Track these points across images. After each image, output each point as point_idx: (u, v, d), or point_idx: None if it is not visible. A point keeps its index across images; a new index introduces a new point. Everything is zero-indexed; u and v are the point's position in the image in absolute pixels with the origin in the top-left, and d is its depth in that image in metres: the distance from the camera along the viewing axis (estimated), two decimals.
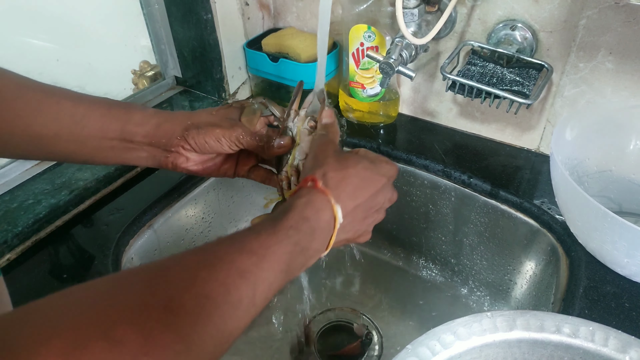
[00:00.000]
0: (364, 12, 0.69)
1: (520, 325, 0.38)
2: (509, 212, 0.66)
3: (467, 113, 0.76)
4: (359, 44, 0.71)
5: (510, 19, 0.65)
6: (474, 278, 0.76)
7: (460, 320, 0.38)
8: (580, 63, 0.62)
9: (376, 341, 0.72)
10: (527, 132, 0.72)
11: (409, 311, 0.76)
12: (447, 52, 0.72)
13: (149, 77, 0.86)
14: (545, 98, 0.68)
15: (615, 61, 0.60)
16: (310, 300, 0.72)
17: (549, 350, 0.38)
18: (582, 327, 0.38)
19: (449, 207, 0.73)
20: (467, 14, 0.67)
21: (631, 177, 0.62)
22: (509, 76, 0.63)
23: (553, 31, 0.63)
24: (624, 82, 0.61)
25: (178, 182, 0.68)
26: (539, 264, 0.66)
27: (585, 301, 0.52)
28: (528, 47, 0.65)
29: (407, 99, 0.80)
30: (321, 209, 0.39)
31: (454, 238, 0.75)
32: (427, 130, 0.79)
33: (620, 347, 0.36)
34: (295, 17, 0.84)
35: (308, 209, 0.38)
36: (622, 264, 0.51)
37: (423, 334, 0.37)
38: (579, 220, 0.53)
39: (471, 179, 0.69)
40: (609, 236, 0.48)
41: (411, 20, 0.64)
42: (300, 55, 0.76)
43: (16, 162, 0.65)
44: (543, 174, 0.69)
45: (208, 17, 0.74)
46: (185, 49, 0.81)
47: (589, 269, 0.55)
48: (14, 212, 0.60)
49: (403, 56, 0.63)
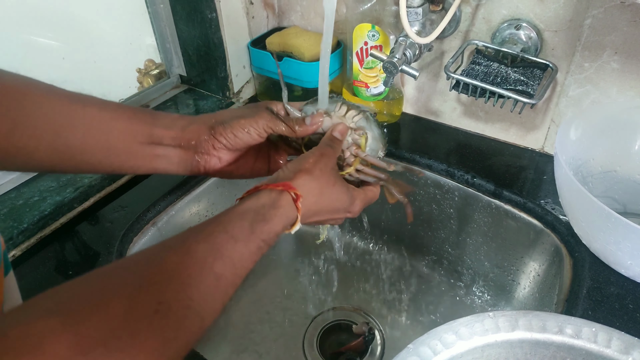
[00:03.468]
0: (368, 11, 0.69)
1: (523, 326, 0.38)
2: (513, 212, 0.66)
3: (471, 112, 0.76)
4: (363, 43, 0.71)
5: (515, 18, 0.64)
6: (477, 278, 0.76)
7: (462, 320, 0.38)
8: (586, 63, 0.62)
9: (379, 340, 0.73)
10: (531, 131, 0.72)
11: (412, 311, 0.76)
12: (451, 52, 0.71)
13: (154, 76, 0.87)
14: (549, 98, 0.68)
15: (620, 61, 0.60)
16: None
17: (551, 351, 0.38)
18: (584, 328, 0.37)
19: (452, 207, 0.72)
20: (471, 13, 0.67)
21: (636, 178, 0.61)
22: (514, 76, 0.63)
23: (558, 30, 0.62)
24: (629, 82, 0.61)
25: (182, 180, 0.69)
26: (543, 264, 0.66)
27: (588, 302, 0.52)
28: (533, 47, 0.64)
29: (411, 99, 0.80)
30: (291, 223, 0.42)
31: (457, 238, 0.75)
32: (430, 130, 0.79)
33: (624, 348, 0.36)
34: (300, 16, 0.84)
35: (282, 224, 0.40)
36: (626, 265, 0.51)
37: (425, 334, 0.37)
38: (583, 220, 0.53)
39: (475, 179, 0.68)
40: (612, 237, 0.48)
41: (415, 19, 0.63)
42: (304, 54, 0.76)
43: None
44: (547, 174, 0.69)
45: (213, 16, 0.74)
46: (189, 47, 0.82)
47: (592, 269, 0.55)
48: (19, 209, 0.60)
49: (407, 55, 0.63)
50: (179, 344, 0.29)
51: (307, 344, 0.73)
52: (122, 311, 0.27)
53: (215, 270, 0.34)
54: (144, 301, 0.28)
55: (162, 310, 0.29)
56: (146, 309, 0.28)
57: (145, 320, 0.28)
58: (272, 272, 0.83)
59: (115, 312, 0.27)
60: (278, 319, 0.76)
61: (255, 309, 0.77)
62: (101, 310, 0.26)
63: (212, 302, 0.33)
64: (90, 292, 0.28)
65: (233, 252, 0.36)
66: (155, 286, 0.30)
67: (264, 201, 0.40)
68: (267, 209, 0.40)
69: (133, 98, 0.81)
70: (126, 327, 0.26)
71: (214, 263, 0.34)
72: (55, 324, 0.24)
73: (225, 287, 0.34)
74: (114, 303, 0.27)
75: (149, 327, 0.27)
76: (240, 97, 0.86)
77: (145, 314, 0.28)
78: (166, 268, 0.31)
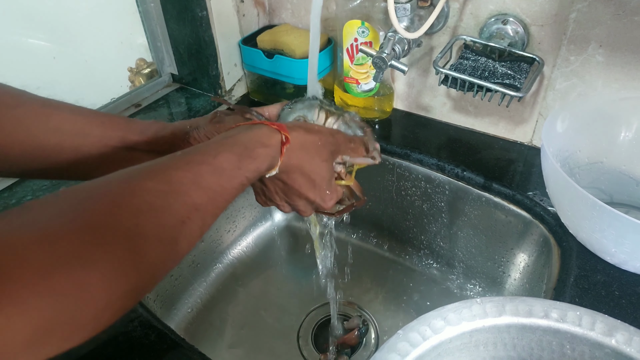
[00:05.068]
0: (357, 8, 0.70)
1: (509, 311, 0.39)
2: (502, 204, 0.67)
3: (460, 107, 0.77)
4: (353, 40, 0.72)
5: (501, 13, 0.65)
6: (468, 270, 0.77)
7: (451, 306, 0.39)
8: (571, 56, 0.63)
9: (372, 333, 0.73)
10: (520, 125, 0.73)
11: (405, 303, 0.77)
12: (440, 47, 0.72)
13: (146, 75, 0.87)
14: (537, 91, 0.69)
15: (605, 54, 0.61)
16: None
17: (538, 335, 0.39)
18: (569, 312, 0.38)
19: (443, 201, 0.73)
20: (459, 9, 0.68)
21: (622, 169, 0.62)
22: (501, 70, 0.64)
23: (544, 25, 0.63)
24: (614, 75, 0.62)
25: None
26: (532, 255, 0.67)
27: (576, 290, 0.53)
28: (519, 41, 0.65)
29: (401, 94, 0.81)
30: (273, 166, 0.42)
31: (449, 231, 0.76)
32: (421, 125, 0.80)
33: (607, 330, 0.37)
34: (290, 14, 0.85)
35: (267, 163, 0.40)
36: (610, 252, 0.52)
37: (414, 320, 0.38)
38: (569, 210, 0.54)
39: (465, 172, 0.69)
40: (597, 225, 0.49)
41: (404, 15, 0.64)
42: (294, 51, 0.77)
43: None
44: (535, 166, 0.70)
45: (203, 14, 0.75)
46: (181, 46, 0.82)
47: (580, 258, 0.56)
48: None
49: (396, 50, 0.64)
50: (149, 268, 0.29)
51: (302, 338, 0.74)
52: (92, 230, 0.27)
53: (194, 200, 0.33)
54: (116, 222, 0.28)
55: (133, 233, 0.28)
56: (118, 229, 0.28)
57: (116, 239, 0.27)
58: (266, 270, 0.84)
59: (86, 230, 0.27)
60: (272, 315, 0.77)
61: (250, 306, 0.78)
62: (73, 228, 0.26)
63: (187, 231, 0.32)
64: (62, 209, 0.28)
65: (215, 184, 0.35)
66: (128, 208, 0.29)
67: (256, 136, 0.40)
68: (257, 146, 0.39)
69: (125, 97, 0.81)
70: (97, 245, 0.26)
71: (194, 193, 0.33)
72: (30, 239, 0.24)
73: (203, 217, 0.34)
74: (85, 221, 0.27)
75: (119, 246, 0.27)
76: (232, 95, 0.87)
77: (116, 234, 0.28)
78: (141, 193, 0.31)
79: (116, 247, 0.27)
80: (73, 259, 0.25)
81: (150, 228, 0.30)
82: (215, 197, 0.35)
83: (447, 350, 0.38)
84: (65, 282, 0.24)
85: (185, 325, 0.74)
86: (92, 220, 0.27)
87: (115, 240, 0.27)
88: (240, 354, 0.72)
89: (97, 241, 0.27)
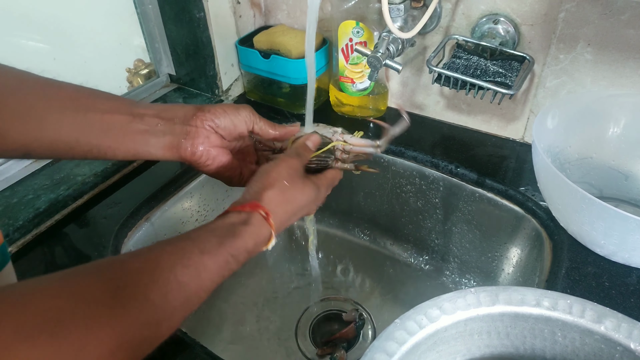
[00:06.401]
0: (352, 9, 0.71)
1: (503, 300, 0.40)
2: (495, 199, 0.69)
3: (453, 105, 0.78)
4: (348, 40, 0.73)
5: (493, 13, 0.67)
6: (462, 265, 0.78)
7: (446, 295, 0.40)
8: (561, 55, 0.65)
9: (369, 326, 0.75)
10: (511, 122, 0.75)
11: (401, 299, 0.79)
12: (433, 47, 0.74)
13: (143, 75, 0.88)
14: (528, 89, 0.70)
15: (593, 52, 0.63)
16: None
17: (530, 323, 0.40)
18: (560, 301, 0.40)
19: (437, 197, 0.75)
20: (451, 9, 0.69)
21: (611, 164, 0.64)
22: (493, 68, 0.65)
23: (534, 24, 0.65)
24: (602, 72, 0.64)
25: (174, 177, 0.70)
26: (525, 249, 0.69)
27: (567, 281, 0.54)
28: (510, 40, 0.67)
29: (395, 93, 0.83)
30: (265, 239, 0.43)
31: (443, 227, 0.77)
32: (415, 123, 0.80)
33: (596, 317, 0.39)
34: (286, 15, 0.86)
35: (253, 240, 0.41)
36: (600, 244, 0.54)
37: (410, 309, 0.39)
38: (560, 204, 0.56)
39: (458, 169, 0.71)
40: (587, 218, 0.51)
41: (397, 15, 0.66)
42: (291, 51, 0.78)
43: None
44: (527, 162, 0.71)
45: (201, 15, 0.76)
46: (178, 47, 0.83)
47: (571, 251, 0.57)
48: (14, 207, 0.62)
49: (390, 50, 0.65)
50: (132, 343, 0.29)
51: (300, 334, 0.75)
52: (73, 299, 0.27)
53: (179, 278, 0.34)
54: (99, 292, 0.28)
55: (117, 304, 0.28)
56: (99, 299, 0.28)
57: (97, 311, 0.27)
58: (264, 266, 0.85)
59: (65, 299, 0.27)
60: (270, 312, 0.78)
61: (248, 304, 0.79)
62: (50, 297, 0.26)
63: (172, 309, 0.33)
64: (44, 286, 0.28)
65: (199, 262, 0.36)
66: (113, 282, 0.29)
67: (234, 220, 0.41)
68: (237, 226, 0.40)
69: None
70: (75, 316, 0.26)
71: (178, 271, 0.34)
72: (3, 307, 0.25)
73: (188, 296, 0.34)
74: (66, 291, 0.27)
75: (100, 318, 0.27)
76: (229, 95, 0.88)
77: (97, 304, 0.28)
78: (128, 270, 0.31)
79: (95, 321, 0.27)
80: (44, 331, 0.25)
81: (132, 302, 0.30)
82: (200, 276, 0.36)
83: (442, 338, 0.40)
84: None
85: (184, 322, 0.74)
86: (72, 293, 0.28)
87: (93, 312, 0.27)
88: (240, 350, 0.73)
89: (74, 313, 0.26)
